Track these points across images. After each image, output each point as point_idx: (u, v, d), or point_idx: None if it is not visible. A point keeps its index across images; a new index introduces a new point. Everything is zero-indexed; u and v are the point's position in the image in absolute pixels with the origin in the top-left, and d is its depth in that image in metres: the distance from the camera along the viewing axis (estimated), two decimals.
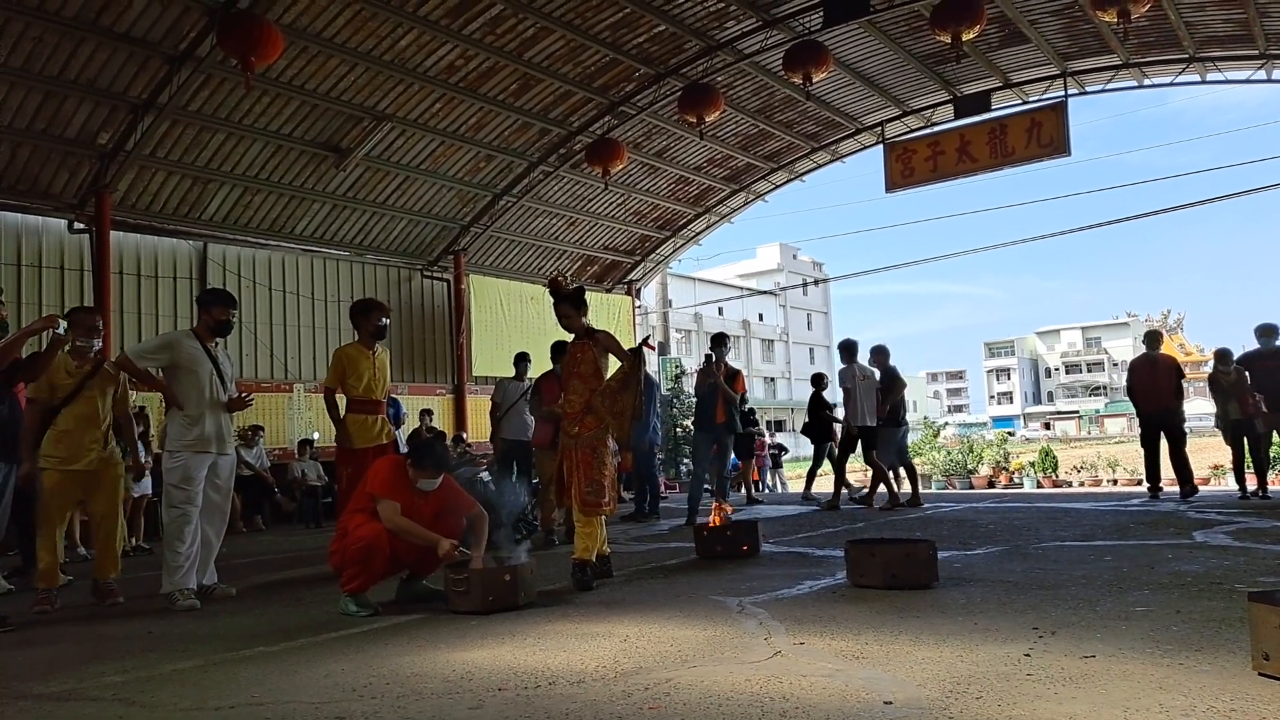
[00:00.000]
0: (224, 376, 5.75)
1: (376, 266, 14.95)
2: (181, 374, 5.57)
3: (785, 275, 60.01)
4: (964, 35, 10.17)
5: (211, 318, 5.77)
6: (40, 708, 3.23)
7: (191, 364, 5.59)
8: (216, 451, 5.64)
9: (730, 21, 12.67)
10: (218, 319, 5.77)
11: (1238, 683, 2.84)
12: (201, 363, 5.62)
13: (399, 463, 5.13)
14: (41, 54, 9.42)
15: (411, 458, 5.09)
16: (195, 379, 5.58)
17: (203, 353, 5.66)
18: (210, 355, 5.70)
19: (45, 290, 11.11)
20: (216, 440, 5.63)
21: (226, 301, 5.88)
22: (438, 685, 3.25)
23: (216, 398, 5.64)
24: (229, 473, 5.81)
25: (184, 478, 5.45)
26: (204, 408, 5.56)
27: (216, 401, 5.64)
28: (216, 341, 5.83)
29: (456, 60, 11.83)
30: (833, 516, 9.64)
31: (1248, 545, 6.07)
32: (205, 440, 5.55)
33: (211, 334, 5.78)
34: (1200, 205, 25.49)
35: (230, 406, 5.76)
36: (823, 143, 17.01)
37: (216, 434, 5.63)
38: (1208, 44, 13.34)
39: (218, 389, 5.66)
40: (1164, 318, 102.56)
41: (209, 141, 11.46)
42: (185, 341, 5.70)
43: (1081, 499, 11.37)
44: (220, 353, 5.85)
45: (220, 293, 6.12)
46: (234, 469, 5.92)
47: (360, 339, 6.72)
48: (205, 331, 5.77)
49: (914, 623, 3.96)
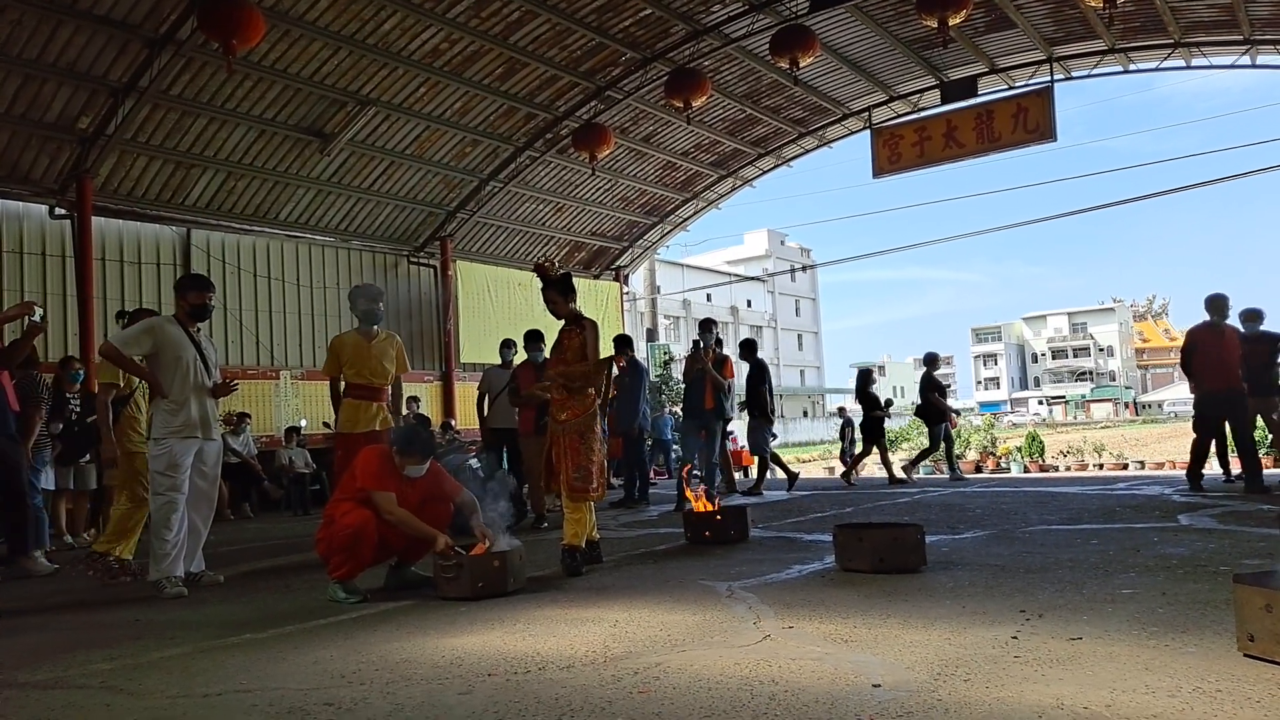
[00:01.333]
0: (207, 361, 5.71)
1: (362, 252, 14.87)
2: (164, 360, 5.52)
3: (773, 261, 60.03)
4: (950, 20, 10.17)
5: (188, 303, 5.71)
6: (26, 696, 3.20)
7: (174, 350, 5.53)
8: (202, 437, 5.58)
9: (717, 5, 12.62)
10: (194, 304, 5.71)
11: (1223, 664, 2.86)
12: (184, 348, 5.57)
13: (385, 452, 5.09)
14: (20, 36, 9.30)
15: (397, 445, 5.06)
16: (179, 365, 5.52)
17: (185, 338, 5.62)
18: (193, 340, 5.65)
19: (26, 277, 10.99)
20: (202, 426, 5.57)
21: (202, 286, 5.80)
22: (427, 671, 3.25)
23: (200, 383, 5.60)
24: (215, 459, 5.75)
25: (170, 464, 5.40)
26: (188, 393, 5.51)
27: (201, 387, 5.60)
28: (198, 327, 5.78)
29: (441, 44, 11.74)
30: (820, 501, 9.66)
31: (1232, 528, 6.12)
32: (190, 426, 5.50)
33: (191, 319, 5.73)
34: (1184, 190, 25.60)
35: (215, 392, 5.72)
36: (810, 128, 17.00)
37: (202, 419, 5.57)
38: (1193, 29, 13.37)
39: (201, 374, 5.61)
40: (1149, 303, 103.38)
41: (191, 126, 11.35)
42: (167, 327, 5.64)
43: (1068, 483, 11.45)
44: (203, 338, 5.80)
45: (196, 277, 6.04)
46: (220, 455, 5.86)
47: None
48: (184, 317, 5.72)
49: (902, 606, 3.97)
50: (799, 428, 54.66)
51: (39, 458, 7.62)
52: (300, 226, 13.80)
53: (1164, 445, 27.67)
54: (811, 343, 68.96)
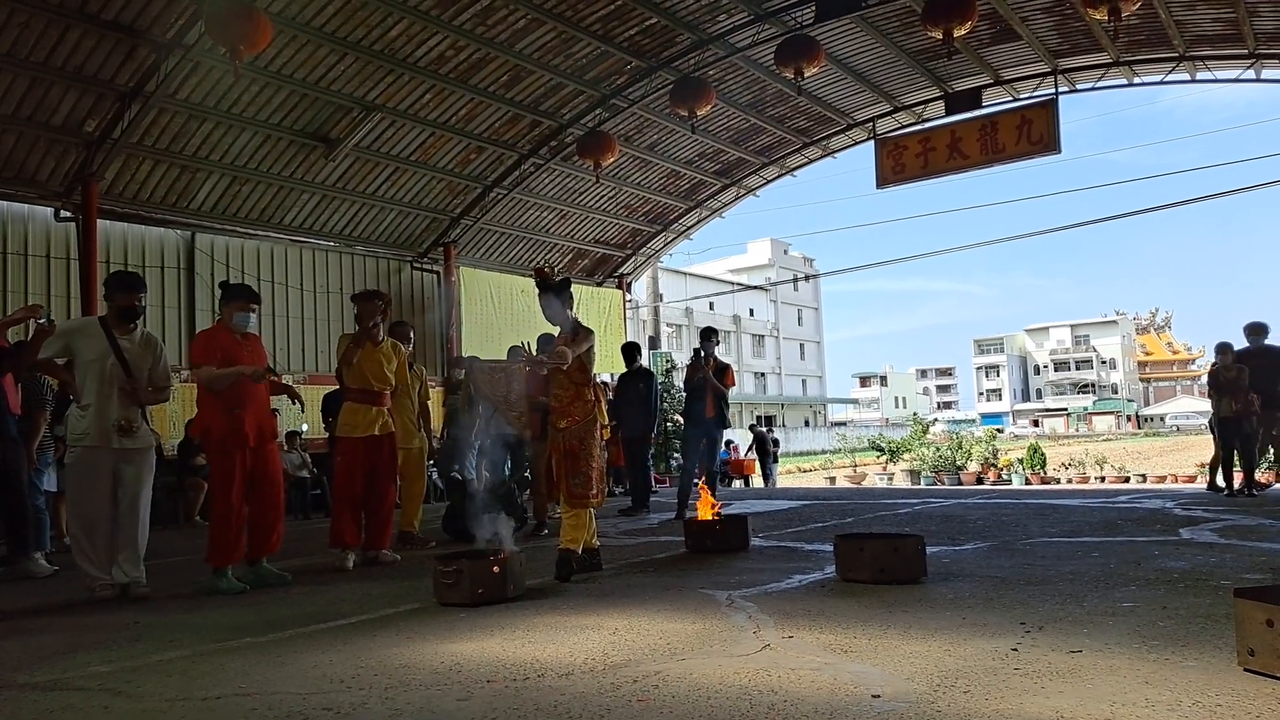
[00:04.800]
0: (129, 366, 5.38)
1: (366, 258, 14.90)
2: (79, 364, 5.34)
3: (776, 271, 60.13)
4: (955, 31, 10.18)
5: (114, 304, 5.45)
6: (25, 697, 3.20)
7: (90, 354, 5.30)
8: (115, 445, 5.30)
9: (722, 15, 12.66)
10: (122, 305, 5.44)
11: (1223, 678, 2.86)
12: (103, 353, 5.32)
13: (211, 328, 5.74)
14: (28, 40, 9.33)
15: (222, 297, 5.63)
16: (95, 369, 5.29)
17: (105, 343, 5.33)
18: (114, 345, 5.35)
19: (31, 279, 11.03)
20: (116, 431, 5.30)
21: (127, 285, 5.49)
22: (426, 677, 3.24)
23: (118, 388, 5.32)
24: (135, 467, 5.41)
25: (83, 471, 5.28)
26: (101, 399, 5.28)
27: (119, 392, 5.32)
28: (134, 327, 5.50)
29: (447, 51, 11.78)
30: (821, 511, 9.65)
31: (1234, 542, 6.10)
32: (104, 433, 5.27)
33: (120, 321, 5.44)
34: (1188, 204, 25.59)
35: (136, 399, 5.39)
36: (814, 138, 17.02)
37: (118, 426, 5.30)
38: (1198, 42, 13.39)
39: (120, 379, 5.33)
40: (1152, 316, 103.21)
41: (197, 130, 11.38)
42: (89, 329, 5.43)
43: (1069, 495, 11.43)
44: (140, 341, 5.51)
45: (124, 276, 5.66)
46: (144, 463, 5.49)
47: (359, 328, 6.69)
48: (113, 318, 5.45)
49: (902, 617, 3.96)
50: (800, 437, 54.63)
51: (42, 459, 7.63)
52: (304, 231, 13.83)
53: (1166, 459, 27.57)
54: (814, 352, 68.96)
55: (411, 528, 7.74)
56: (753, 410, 55.53)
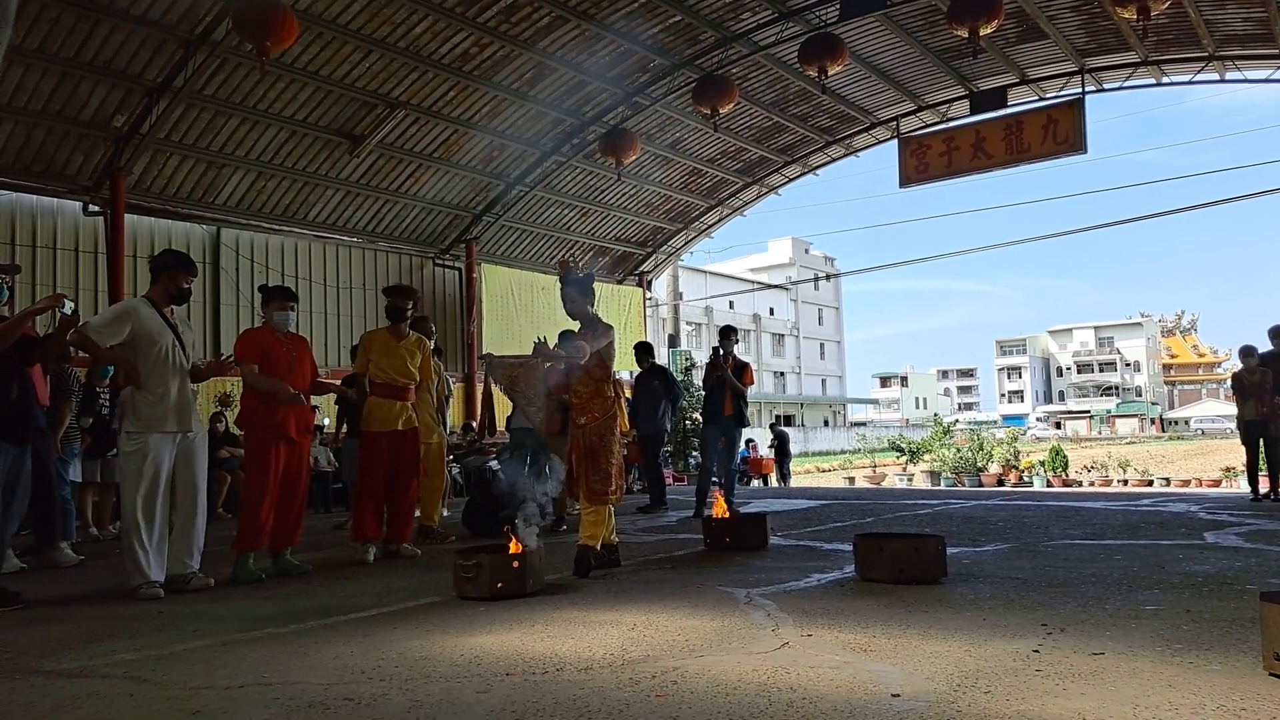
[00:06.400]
0: (185, 346, 5.30)
1: (389, 254, 14.98)
2: (141, 346, 5.11)
3: (797, 269, 59.90)
4: (981, 30, 10.12)
5: (174, 284, 5.29)
6: (52, 684, 3.25)
7: (153, 335, 5.14)
8: (180, 429, 5.19)
9: (746, 13, 12.63)
10: (180, 286, 5.31)
11: (1248, 682, 2.83)
12: (163, 333, 5.18)
13: (254, 330, 5.92)
14: (58, 35, 9.45)
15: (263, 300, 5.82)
16: (159, 353, 5.14)
17: (161, 322, 5.21)
18: (170, 324, 5.25)
19: (59, 272, 11.18)
20: (180, 416, 5.18)
21: (187, 267, 5.36)
22: (446, 669, 3.26)
23: (180, 368, 5.22)
24: (198, 452, 5.33)
25: (147, 459, 5.04)
26: (167, 382, 5.14)
27: (181, 372, 5.21)
28: (172, 309, 5.36)
29: (471, 48, 11.83)
30: (839, 511, 9.62)
31: (1259, 547, 6.03)
32: (167, 419, 5.13)
33: (169, 301, 5.32)
34: (1215, 205, 25.29)
35: (194, 377, 5.31)
36: (837, 136, 16.96)
37: (180, 410, 5.19)
38: (1227, 42, 13.23)
39: (180, 360, 5.23)
40: (1178, 318, 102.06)
41: (224, 126, 11.49)
42: (143, 310, 5.20)
43: (1092, 498, 11.33)
44: (179, 321, 5.39)
45: (180, 256, 5.50)
46: (203, 448, 5.43)
47: (395, 325, 6.75)
48: (162, 298, 5.29)
49: (922, 617, 3.95)
50: (819, 437, 54.45)
51: (68, 450, 7.72)
52: (328, 227, 13.93)
53: (1190, 462, 27.27)
54: (834, 352, 68.69)
55: (431, 522, 7.78)
56: (772, 409, 55.39)
